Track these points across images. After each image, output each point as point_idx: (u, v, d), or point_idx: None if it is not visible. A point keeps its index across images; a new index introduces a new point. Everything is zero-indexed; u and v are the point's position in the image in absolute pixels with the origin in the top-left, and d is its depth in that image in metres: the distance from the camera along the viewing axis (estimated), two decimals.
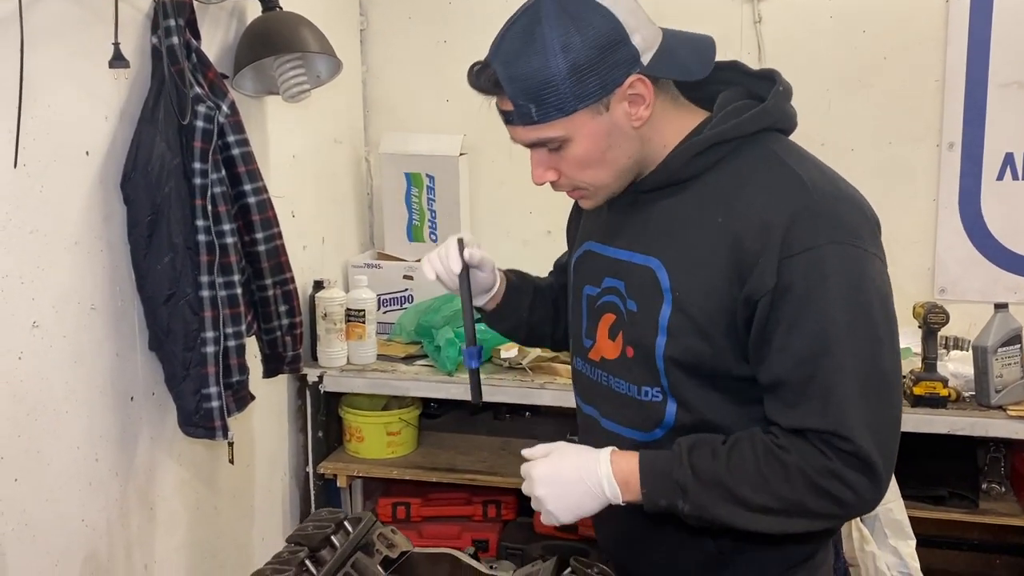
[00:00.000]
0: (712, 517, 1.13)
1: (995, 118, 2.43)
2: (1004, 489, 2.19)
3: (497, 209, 2.82)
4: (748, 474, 1.12)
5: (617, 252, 1.27)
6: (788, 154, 1.19)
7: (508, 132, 1.23)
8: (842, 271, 1.10)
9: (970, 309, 2.36)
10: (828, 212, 1.12)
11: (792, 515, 1.12)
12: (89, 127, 1.68)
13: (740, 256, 1.13)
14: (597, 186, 1.22)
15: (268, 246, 1.96)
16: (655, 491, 1.14)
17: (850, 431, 1.09)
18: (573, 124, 1.14)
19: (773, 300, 1.11)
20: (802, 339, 1.10)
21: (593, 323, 1.30)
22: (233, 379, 1.85)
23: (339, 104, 2.69)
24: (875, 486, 1.11)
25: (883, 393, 1.12)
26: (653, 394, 1.22)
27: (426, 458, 2.47)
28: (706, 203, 1.18)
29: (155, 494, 1.89)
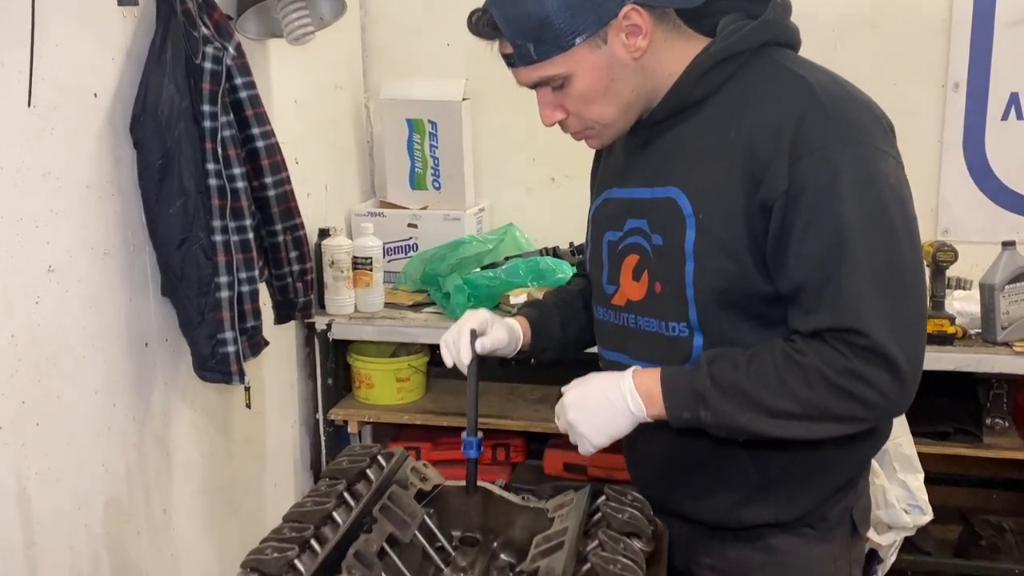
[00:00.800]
0: (736, 425, 1.14)
1: (1001, 58, 2.43)
2: (1007, 424, 2.23)
3: (500, 156, 2.80)
4: (768, 379, 1.12)
5: (636, 191, 1.27)
6: (794, 63, 1.19)
7: (513, 76, 1.23)
8: (853, 170, 1.09)
9: (973, 250, 2.37)
10: (837, 113, 1.11)
11: (816, 419, 1.12)
12: (97, 68, 1.65)
13: (753, 165, 1.13)
14: (604, 123, 1.22)
15: (277, 191, 1.95)
16: (677, 403, 1.15)
17: (865, 325, 1.08)
18: (573, 60, 1.16)
19: (786, 204, 1.11)
20: (817, 241, 1.10)
21: (616, 267, 1.30)
22: (248, 324, 1.85)
23: (339, 49, 2.65)
24: (899, 383, 1.09)
25: (903, 289, 1.11)
26: (680, 329, 1.23)
27: (435, 403, 2.49)
28: (717, 122, 1.18)
29: (171, 440, 1.90)
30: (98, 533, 1.68)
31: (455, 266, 2.49)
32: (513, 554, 1.22)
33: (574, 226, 2.65)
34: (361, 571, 0.99)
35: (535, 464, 2.53)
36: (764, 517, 1.26)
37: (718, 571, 1.30)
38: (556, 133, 3.05)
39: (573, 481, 2.44)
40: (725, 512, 1.28)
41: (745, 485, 1.25)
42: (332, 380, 2.47)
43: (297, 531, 1.05)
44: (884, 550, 1.96)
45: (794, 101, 1.12)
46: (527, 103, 2.94)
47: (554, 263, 2.43)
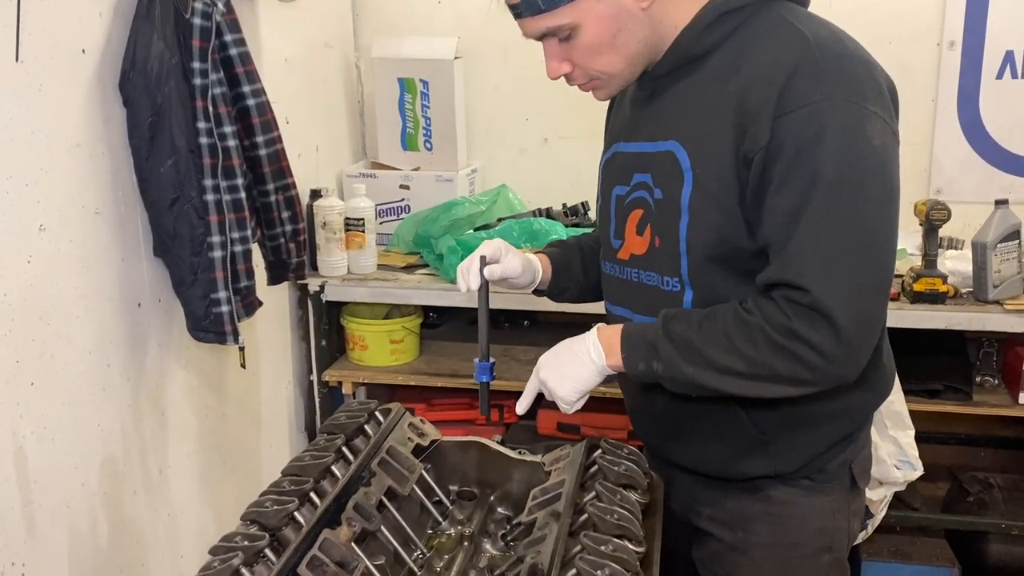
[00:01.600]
0: (684, 378, 1.15)
1: (997, 15, 2.41)
2: (996, 382, 2.25)
3: (493, 116, 2.78)
4: (716, 336, 1.13)
5: (641, 145, 1.27)
6: (797, 17, 1.17)
7: (519, 28, 1.22)
8: (838, 128, 1.07)
9: (966, 209, 2.37)
10: (830, 67, 1.09)
11: (763, 379, 1.12)
12: (84, 23, 1.62)
13: (743, 117, 1.12)
14: (611, 74, 1.22)
15: (269, 150, 1.93)
16: (633, 354, 1.18)
17: (808, 282, 1.07)
18: (580, 9, 1.15)
19: (766, 159, 1.10)
20: (789, 195, 1.09)
21: (622, 222, 1.31)
22: (241, 284, 1.84)
23: (328, 7, 2.62)
24: (842, 347, 1.07)
25: (866, 253, 1.09)
26: (673, 284, 1.23)
27: (429, 365, 2.49)
28: (718, 76, 1.18)
29: (166, 400, 1.90)
30: (95, 492, 1.68)
31: (448, 228, 2.48)
32: (510, 507, 1.23)
33: (567, 187, 2.65)
34: (360, 523, 1.00)
35: (528, 424, 2.54)
36: (762, 469, 1.28)
37: (717, 521, 1.32)
38: (549, 93, 3.02)
39: (567, 441, 2.46)
40: (723, 464, 1.30)
41: (743, 438, 1.26)
42: (326, 342, 2.47)
43: (296, 484, 1.06)
44: (874, 505, 1.98)
45: (788, 54, 1.11)
46: (519, 62, 2.93)
47: (547, 224, 2.42)
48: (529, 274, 1.41)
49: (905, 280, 2.16)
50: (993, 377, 2.24)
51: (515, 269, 1.37)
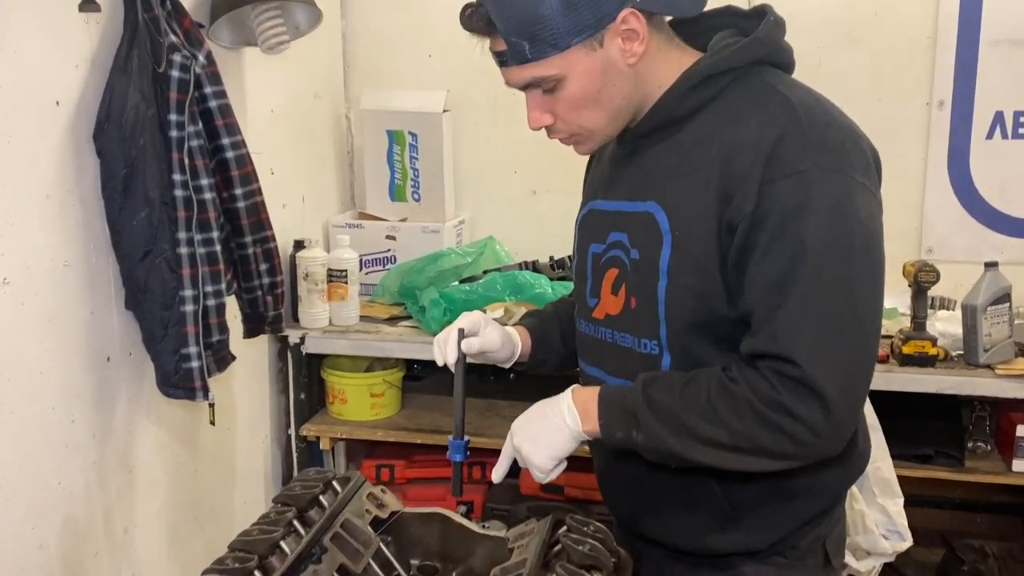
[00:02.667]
0: (666, 448, 1.12)
1: (986, 76, 2.41)
2: (989, 448, 2.19)
3: (481, 168, 2.77)
4: (699, 405, 1.10)
5: (618, 204, 1.25)
6: (783, 84, 1.16)
7: (503, 76, 1.20)
8: (825, 198, 1.06)
9: (957, 269, 2.35)
10: (817, 137, 1.08)
11: (746, 452, 1.09)
12: (59, 76, 1.61)
13: (727, 182, 1.10)
14: (592, 129, 1.19)
15: (247, 202, 1.90)
16: (611, 421, 1.14)
17: (798, 355, 1.04)
18: (567, 61, 1.12)
19: (751, 225, 1.08)
20: (774, 265, 1.07)
21: (598, 280, 1.28)
22: (213, 339, 1.80)
23: (318, 59, 2.62)
24: (830, 423, 1.05)
25: (851, 327, 1.07)
26: (651, 347, 1.20)
27: (410, 420, 2.44)
28: (701, 139, 1.16)
29: (134, 456, 1.85)
30: (52, 554, 1.63)
31: (433, 279, 2.45)
32: None
33: (555, 239, 2.62)
34: None
35: (512, 483, 2.48)
36: (734, 545, 1.23)
37: None
38: (537, 146, 3.02)
39: (550, 501, 2.40)
40: (693, 538, 1.25)
41: (714, 512, 1.22)
42: (305, 395, 2.42)
43: (241, 561, 1.01)
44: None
45: (775, 121, 1.09)
46: (509, 115, 2.93)
47: (532, 277, 2.39)
48: (508, 348, 1.38)
49: (894, 342, 2.12)
50: (986, 443, 2.18)
51: (494, 343, 1.34)
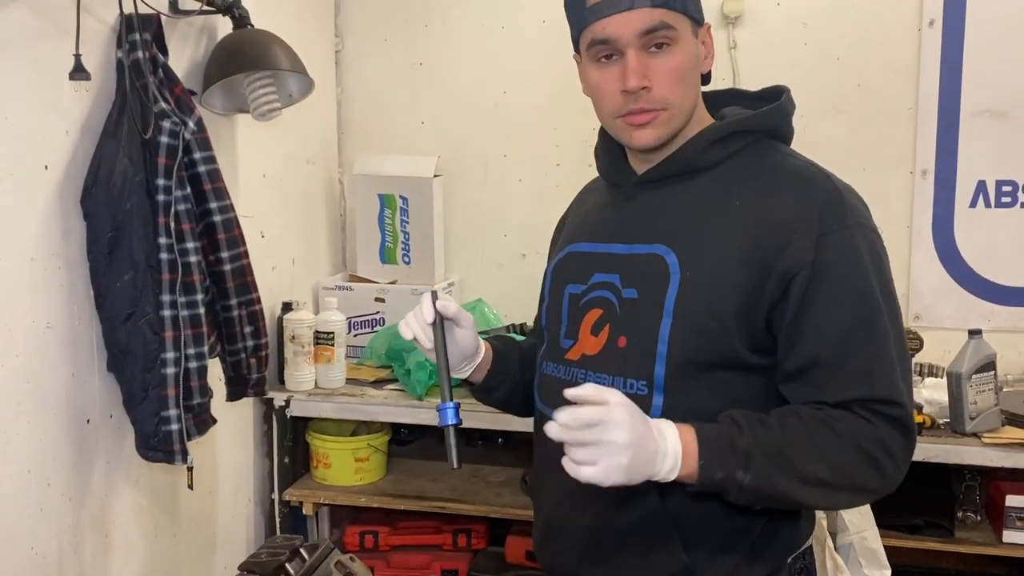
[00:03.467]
0: (770, 488, 1.10)
1: (967, 146, 2.44)
2: (979, 518, 2.16)
3: (471, 231, 2.80)
4: (802, 442, 1.11)
5: (612, 247, 1.26)
6: (797, 154, 1.25)
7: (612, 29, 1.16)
8: (868, 248, 1.16)
9: (944, 336, 2.35)
10: (849, 199, 1.18)
11: (840, 488, 1.12)
12: (49, 141, 1.64)
13: (766, 234, 1.14)
14: (679, 108, 1.20)
15: (234, 265, 1.92)
16: (713, 462, 1.07)
17: (901, 397, 1.13)
18: (684, 27, 1.19)
19: (811, 276, 1.13)
20: (844, 313, 1.13)
21: (576, 321, 1.26)
22: (194, 401, 1.80)
23: (313, 125, 2.67)
24: (910, 457, 1.15)
25: (909, 365, 1.19)
26: (639, 387, 1.18)
27: (395, 485, 2.42)
28: (720, 190, 1.20)
29: (111, 520, 1.83)
30: None
31: None
32: None
33: None
34: None
35: (497, 551, 2.44)
36: None
37: None
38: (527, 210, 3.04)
39: (535, 571, 2.36)
40: None
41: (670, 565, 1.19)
42: (289, 459, 2.40)
43: None
44: None
45: (815, 184, 1.17)
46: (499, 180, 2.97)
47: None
48: (474, 343, 1.32)
49: None
50: (976, 513, 2.15)
51: (467, 319, 1.30)
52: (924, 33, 2.44)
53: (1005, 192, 2.44)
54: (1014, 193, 2.43)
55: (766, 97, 1.28)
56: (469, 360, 1.34)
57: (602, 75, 1.20)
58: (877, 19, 2.48)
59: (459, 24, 2.73)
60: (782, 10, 2.53)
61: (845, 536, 1.85)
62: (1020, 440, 1.99)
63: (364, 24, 2.79)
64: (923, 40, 2.44)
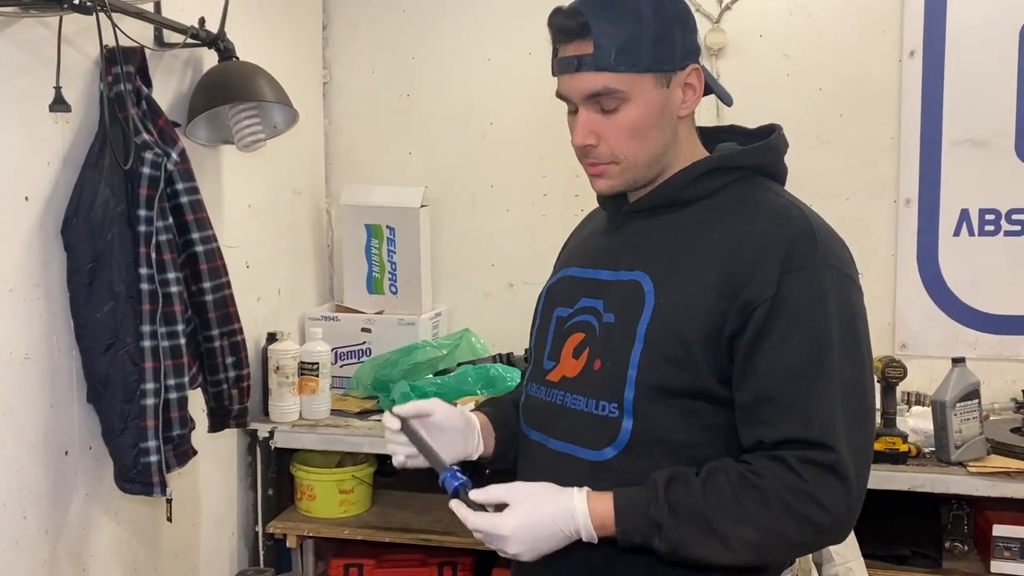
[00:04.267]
0: (688, 554, 1.10)
1: (950, 175, 2.46)
2: (967, 548, 2.14)
3: (458, 261, 2.80)
4: (725, 503, 1.10)
5: (599, 273, 1.27)
6: (783, 193, 1.25)
7: (564, 87, 1.20)
8: (836, 292, 1.14)
9: (931, 364, 2.35)
10: (824, 240, 1.17)
11: (770, 546, 1.11)
12: (30, 172, 1.65)
13: (735, 267, 1.15)
14: (632, 162, 1.21)
15: (216, 296, 1.92)
16: (629, 529, 1.11)
17: (836, 442, 1.09)
18: (639, 85, 1.18)
19: (770, 311, 1.12)
20: (795, 353, 1.11)
21: (559, 343, 1.28)
22: (174, 432, 1.79)
23: (300, 156, 2.68)
24: (850, 508, 1.10)
25: (863, 414, 1.14)
26: (610, 410, 1.19)
27: (380, 517, 2.39)
28: (701, 223, 1.21)
29: (88, 554, 1.81)
30: None
31: (407, 372, 2.45)
32: None
33: None
34: None
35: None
36: None
37: None
38: (514, 240, 3.04)
39: None
40: None
41: None
42: (273, 490, 2.38)
43: None
44: None
45: (787, 220, 1.17)
46: (486, 210, 2.97)
47: (504, 370, 2.39)
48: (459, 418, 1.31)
49: None
50: (963, 543, 2.14)
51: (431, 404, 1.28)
52: (905, 64, 2.47)
53: (988, 220, 2.45)
54: (997, 221, 2.44)
55: (761, 135, 1.30)
56: (465, 433, 1.31)
57: (569, 124, 1.24)
58: (858, 50, 2.51)
59: (446, 56, 2.75)
60: (764, 42, 2.56)
61: (830, 567, 1.84)
62: (1006, 469, 1.98)
63: (352, 56, 2.81)
64: (904, 71, 2.47)
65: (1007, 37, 2.40)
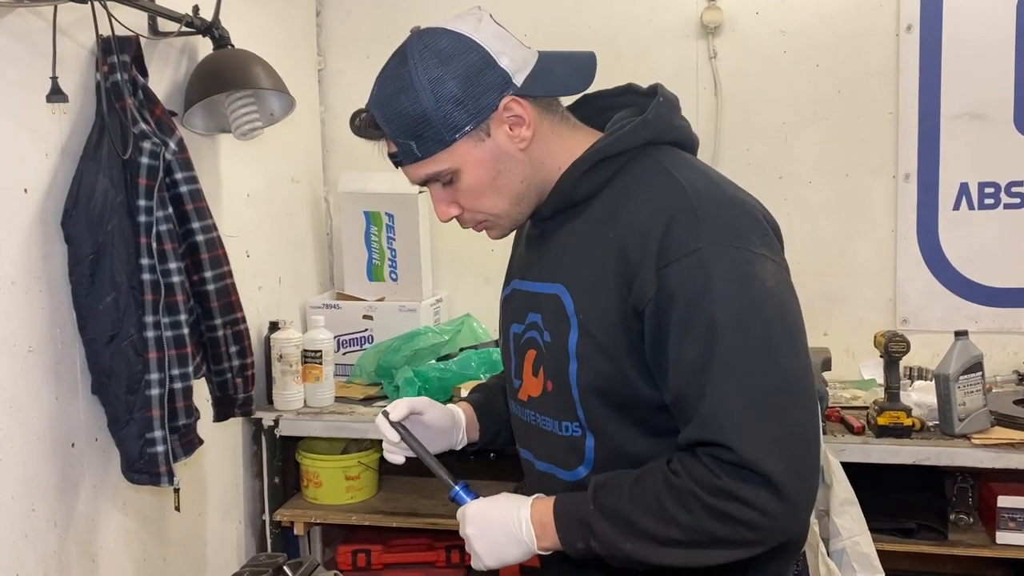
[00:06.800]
0: (624, 554, 1.08)
1: (948, 149, 2.46)
2: (972, 520, 2.15)
3: (458, 246, 2.79)
4: (649, 505, 1.07)
5: (532, 285, 1.24)
6: (674, 164, 1.15)
7: (405, 176, 1.22)
8: (726, 273, 1.05)
9: (933, 339, 2.35)
10: (708, 215, 1.08)
11: (703, 545, 1.05)
12: (28, 164, 1.64)
13: (625, 268, 1.10)
14: (497, 214, 1.19)
15: (217, 285, 1.91)
16: (569, 533, 1.11)
17: (731, 439, 1.02)
18: (457, 154, 1.14)
19: (657, 310, 1.06)
20: (690, 348, 1.05)
21: (520, 361, 1.26)
22: (179, 422, 1.79)
23: (297, 143, 2.67)
24: (783, 502, 1.02)
25: (782, 400, 1.04)
26: (573, 429, 1.18)
27: (387, 503, 2.40)
28: (599, 221, 1.16)
29: (97, 545, 1.81)
30: None
31: (410, 358, 2.45)
32: None
33: None
34: None
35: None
36: None
37: None
38: None
39: None
40: None
41: None
42: (280, 479, 2.39)
43: None
44: None
45: (665, 204, 1.09)
46: None
47: None
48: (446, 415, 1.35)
49: (869, 413, 2.11)
50: (968, 515, 2.15)
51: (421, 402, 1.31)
52: (902, 38, 2.46)
53: (988, 194, 2.45)
54: (996, 195, 2.44)
55: (655, 94, 1.20)
56: (451, 431, 1.36)
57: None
58: (855, 25, 2.50)
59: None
60: (761, 19, 2.55)
61: (838, 541, 1.85)
62: (1010, 440, 1.99)
63: (346, 43, 2.80)
64: (901, 45, 2.46)
65: (1004, 9, 2.39)
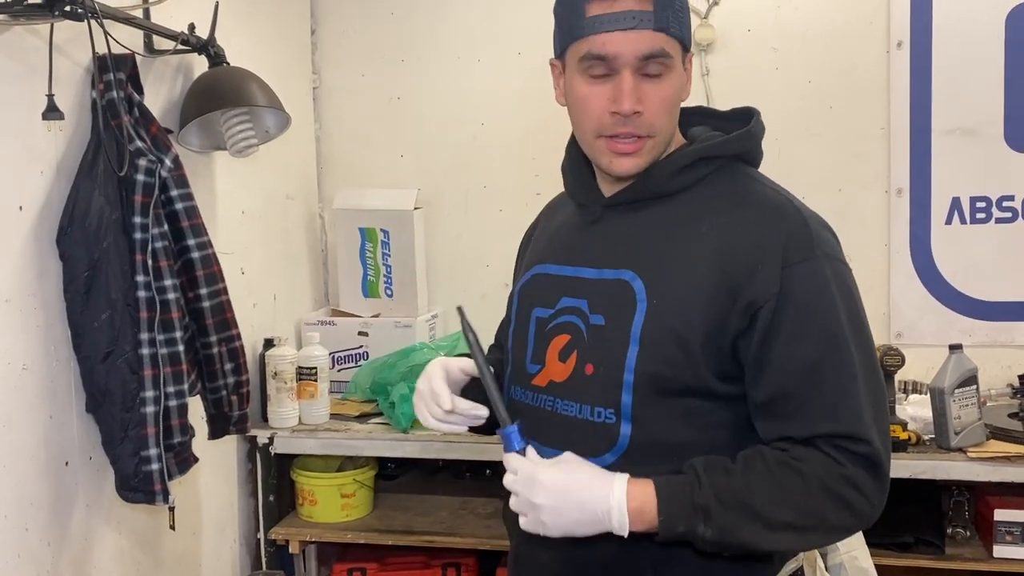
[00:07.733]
0: (734, 540, 1.09)
1: (940, 164, 2.47)
2: (969, 534, 2.15)
3: (453, 263, 2.80)
4: (767, 488, 1.09)
5: (579, 271, 1.22)
6: (765, 180, 1.24)
7: (614, 47, 1.11)
8: (836, 282, 1.14)
9: (927, 353, 2.36)
10: (817, 231, 1.16)
11: (810, 529, 1.11)
12: (24, 181, 1.64)
13: (732, 265, 1.12)
14: (662, 139, 1.18)
15: (213, 302, 1.91)
16: (673, 516, 1.08)
17: (867, 432, 1.10)
18: (677, 56, 1.16)
19: (776, 308, 1.11)
20: (809, 347, 1.11)
21: (542, 346, 1.23)
22: (174, 440, 1.78)
23: (292, 161, 2.67)
24: (882, 492, 1.12)
25: (881, 397, 1.15)
26: (607, 415, 1.16)
27: (382, 520, 2.39)
28: (687, 216, 1.18)
29: (91, 564, 1.80)
30: None
31: (405, 374, 2.44)
32: None
33: None
34: None
35: None
36: None
37: None
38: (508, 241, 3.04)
39: None
40: None
41: None
42: (274, 497, 2.37)
43: None
44: None
45: (779, 214, 1.16)
46: (480, 212, 2.98)
47: None
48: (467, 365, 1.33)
49: None
50: (965, 528, 2.14)
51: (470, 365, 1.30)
52: (893, 55, 2.48)
53: (980, 208, 2.46)
54: (988, 209, 2.46)
55: (735, 118, 1.26)
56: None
57: (591, 91, 1.15)
58: (846, 42, 2.52)
59: (435, 58, 2.76)
60: (753, 36, 2.57)
61: (835, 556, 1.84)
62: (1006, 453, 2.00)
63: (341, 60, 2.81)
64: (892, 61, 2.48)
65: (993, 25, 2.42)
